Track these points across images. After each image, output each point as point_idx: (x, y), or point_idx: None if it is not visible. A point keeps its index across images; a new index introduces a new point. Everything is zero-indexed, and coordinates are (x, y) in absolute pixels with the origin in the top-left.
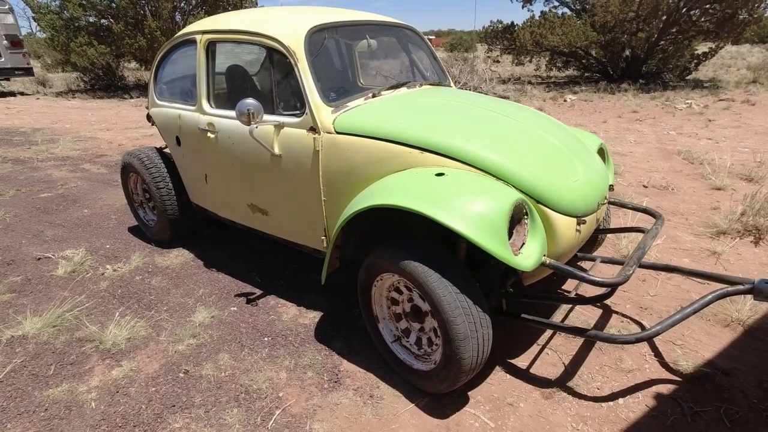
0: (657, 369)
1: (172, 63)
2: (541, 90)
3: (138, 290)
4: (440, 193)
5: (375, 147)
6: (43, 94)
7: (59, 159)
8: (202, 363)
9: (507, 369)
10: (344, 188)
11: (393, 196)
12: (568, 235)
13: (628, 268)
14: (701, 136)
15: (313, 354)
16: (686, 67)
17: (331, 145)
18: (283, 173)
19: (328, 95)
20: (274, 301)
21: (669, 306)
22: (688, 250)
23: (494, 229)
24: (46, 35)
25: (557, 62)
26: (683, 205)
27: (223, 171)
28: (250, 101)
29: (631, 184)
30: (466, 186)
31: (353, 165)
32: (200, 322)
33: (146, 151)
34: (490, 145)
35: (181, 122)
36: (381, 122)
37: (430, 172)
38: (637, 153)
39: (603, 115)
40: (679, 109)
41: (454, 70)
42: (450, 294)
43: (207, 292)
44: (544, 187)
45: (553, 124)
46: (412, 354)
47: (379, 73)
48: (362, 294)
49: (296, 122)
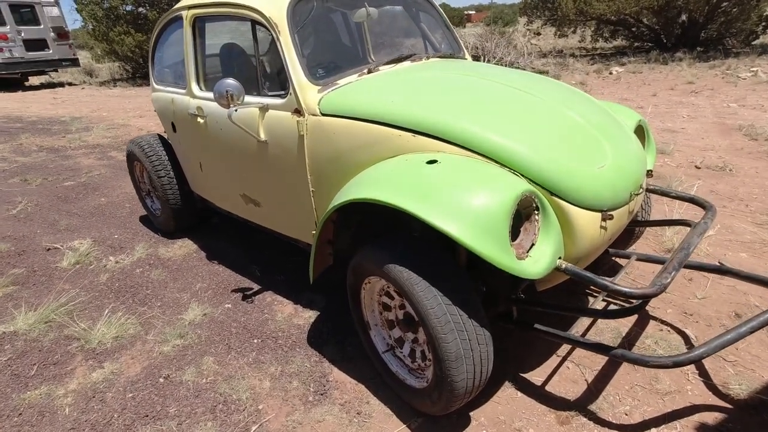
0: (702, 392)
1: (166, 44)
2: (585, 63)
3: (136, 284)
4: (430, 185)
5: (362, 130)
6: (88, 84)
7: (90, 147)
8: (185, 367)
9: (518, 385)
10: (332, 177)
11: (375, 189)
12: (591, 233)
13: (665, 275)
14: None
15: (302, 360)
16: (752, 31)
17: (316, 128)
18: (270, 161)
19: (314, 72)
20: (271, 298)
21: (720, 312)
22: (747, 243)
23: (492, 229)
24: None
25: (604, 32)
26: (743, 189)
27: (215, 159)
28: (230, 81)
29: (681, 165)
30: (461, 176)
31: (339, 151)
32: (191, 320)
33: (148, 139)
34: (495, 125)
35: (174, 107)
36: (369, 101)
37: (421, 159)
38: (690, 129)
39: (653, 87)
40: (742, 79)
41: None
42: (439, 306)
43: (204, 287)
44: (561, 175)
45: (580, 99)
46: (406, 367)
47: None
48: (352, 297)
49: (280, 104)
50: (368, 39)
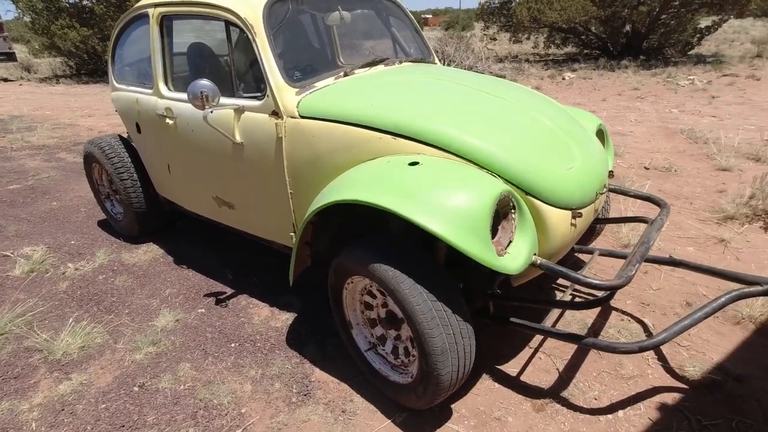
0: (661, 375)
1: (128, 42)
2: (539, 68)
3: (99, 291)
4: (412, 185)
5: (341, 132)
6: (26, 80)
7: (35, 148)
8: (160, 375)
9: (495, 377)
10: (311, 179)
11: (360, 190)
12: (563, 230)
13: (629, 268)
14: (705, 113)
15: (283, 362)
16: (689, 42)
17: (295, 131)
18: (246, 163)
19: (292, 75)
20: (246, 301)
21: (674, 301)
22: (693, 237)
23: (474, 228)
24: (27, 18)
25: (555, 39)
26: (687, 188)
27: (185, 161)
28: (204, 82)
29: (632, 165)
30: (443, 177)
31: (318, 153)
32: (163, 326)
33: (108, 140)
34: (472, 128)
35: (140, 107)
36: (348, 104)
37: (403, 161)
38: (637, 132)
39: (602, 93)
40: (681, 86)
41: (449, 49)
42: (425, 303)
43: (174, 292)
44: (534, 175)
45: (546, 103)
46: (389, 364)
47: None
48: (333, 298)
49: (257, 106)
50: (337, 42)
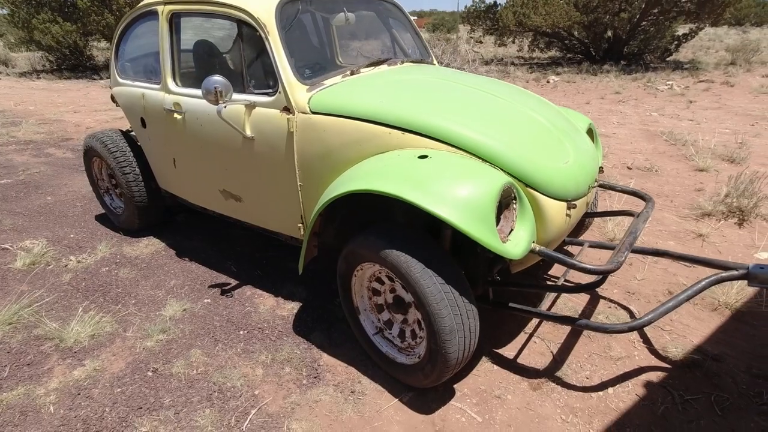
0: (646, 356)
1: (134, 38)
2: (524, 71)
3: (104, 283)
4: (423, 176)
5: (353, 128)
6: (5, 75)
7: (21, 143)
8: (172, 360)
9: (494, 360)
10: (321, 172)
11: (372, 181)
12: (559, 220)
13: (620, 255)
14: (683, 117)
15: (291, 348)
16: (667, 49)
17: (306, 126)
18: (256, 157)
19: (302, 72)
20: (251, 292)
21: (657, 290)
22: (674, 232)
23: (482, 216)
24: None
25: (540, 43)
26: (667, 187)
27: (192, 155)
28: (217, 78)
29: (615, 165)
30: (451, 169)
31: (330, 147)
32: (171, 315)
33: (110, 134)
34: (476, 125)
35: (146, 102)
36: (359, 101)
37: (413, 154)
38: (620, 134)
39: (586, 96)
40: (660, 91)
41: (437, 51)
42: (435, 285)
43: (179, 284)
44: (534, 169)
45: (541, 103)
46: (395, 347)
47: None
48: (342, 285)
49: (269, 102)
50: (336, 42)
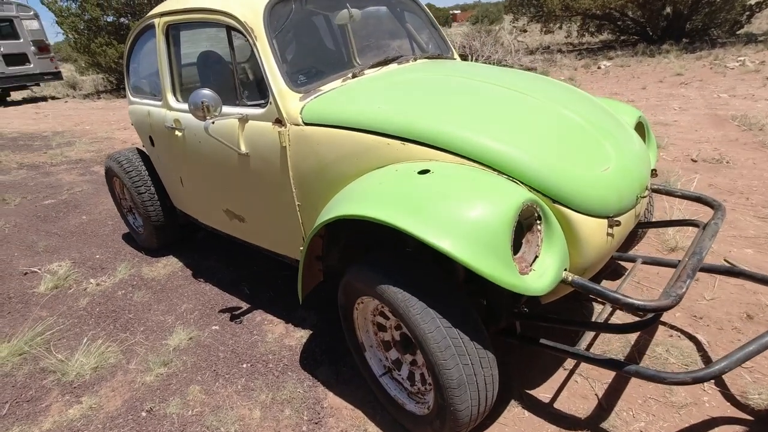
0: (719, 403)
1: (141, 54)
2: (573, 58)
3: (117, 307)
4: (421, 197)
5: (347, 139)
6: (71, 97)
7: (72, 162)
8: (169, 398)
9: (525, 403)
10: (318, 190)
11: (362, 204)
12: (598, 241)
13: (679, 284)
14: (759, 97)
15: (295, 385)
16: (737, 21)
17: (299, 139)
18: (253, 175)
19: (295, 79)
20: (261, 317)
21: (731, 314)
22: (752, 238)
23: (491, 245)
24: (69, 38)
25: (589, 27)
26: (741, 182)
27: (195, 173)
28: (204, 92)
29: (677, 158)
30: (456, 186)
31: (324, 162)
32: (176, 345)
33: (126, 153)
34: (489, 129)
35: (151, 120)
36: (353, 108)
37: (412, 169)
38: (682, 121)
39: (642, 80)
40: (730, 68)
41: (476, 44)
42: (438, 330)
43: (190, 308)
44: (562, 180)
45: (576, 97)
46: (405, 390)
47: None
48: (344, 318)
49: (261, 114)
50: (353, 42)
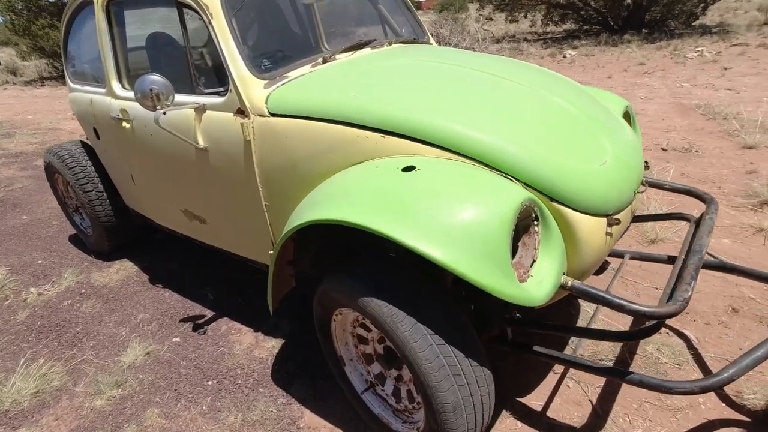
0: (715, 405)
1: (80, 35)
2: (539, 47)
3: (63, 320)
4: (407, 197)
5: (319, 132)
6: (12, 84)
7: (11, 155)
8: (123, 425)
9: (517, 413)
10: (288, 189)
11: (338, 206)
12: (597, 241)
13: (684, 288)
14: (719, 86)
15: (267, 403)
16: (693, 12)
17: (265, 131)
18: (213, 172)
19: (258, 64)
20: (227, 326)
21: (716, 307)
22: (728, 227)
23: (489, 252)
24: (5, 19)
25: (554, 16)
26: (712, 170)
27: (148, 170)
28: (153, 78)
29: (648, 147)
30: (446, 184)
31: (294, 158)
32: (131, 362)
33: (68, 147)
34: (480, 120)
35: (94, 109)
36: (326, 97)
37: (395, 165)
38: (649, 110)
39: (607, 69)
40: (689, 58)
41: (444, 31)
42: (430, 348)
43: (147, 318)
44: (560, 176)
45: (565, 85)
46: (390, 408)
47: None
48: (320, 330)
49: (220, 103)
50: (320, 25)
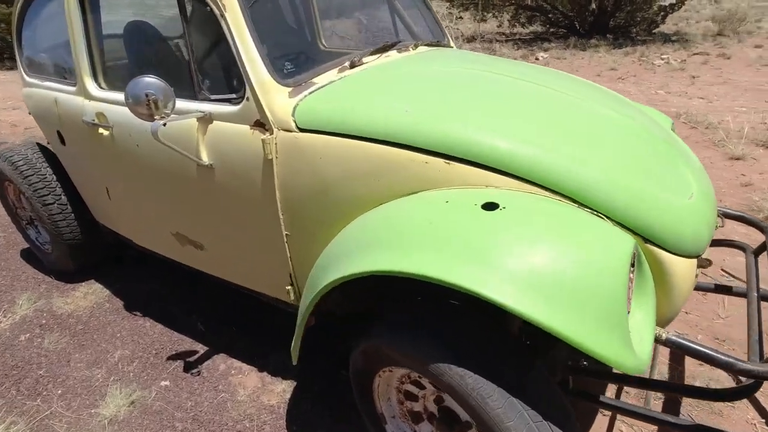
0: None
1: (39, 18)
2: (510, 48)
3: (21, 361)
4: (496, 245)
5: (363, 153)
6: None
7: None
8: None
9: None
10: (316, 218)
11: (399, 252)
12: (687, 285)
13: None
14: (691, 94)
15: None
16: (653, 20)
17: (292, 149)
18: (219, 193)
19: (280, 67)
20: (225, 365)
21: None
22: None
23: (608, 315)
24: None
25: (521, 17)
26: None
27: (130, 185)
28: (149, 80)
29: None
30: (542, 229)
31: (327, 182)
32: (112, 415)
33: (22, 151)
34: (564, 147)
35: (60, 110)
36: (371, 111)
37: (470, 200)
38: None
39: (581, 73)
40: (657, 65)
41: None
42: (528, 429)
43: (127, 356)
44: (653, 214)
45: (623, 102)
46: None
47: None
48: (359, 383)
49: (233, 113)
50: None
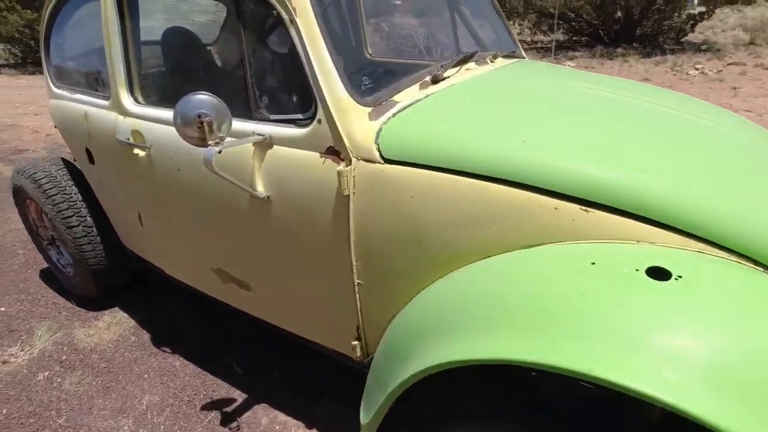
0: None
1: (70, 24)
2: (533, 56)
3: (40, 406)
4: (690, 337)
5: (473, 193)
6: None
7: None
8: None
9: None
10: (402, 267)
11: (549, 338)
12: None
13: None
14: (737, 107)
15: None
16: (682, 29)
17: (375, 184)
18: (275, 230)
19: (358, 82)
20: (268, 418)
21: None
22: None
23: None
24: None
25: (543, 25)
26: None
27: (167, 212)
28: (200, 97)
29: None
30: (733, 307)
31: (420, 227)
32: None
33: (45, 167)
34: (736, 192)
35: (90, 126)
36: (479, 139)
37: (628, 264)
38: None
39: None
40: (692, 76)
41: None
42: None
43: (156, 402)
44: None
45: (739, 119)
46: None
47: (395, 37)
48: None
49: (298, 137)
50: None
